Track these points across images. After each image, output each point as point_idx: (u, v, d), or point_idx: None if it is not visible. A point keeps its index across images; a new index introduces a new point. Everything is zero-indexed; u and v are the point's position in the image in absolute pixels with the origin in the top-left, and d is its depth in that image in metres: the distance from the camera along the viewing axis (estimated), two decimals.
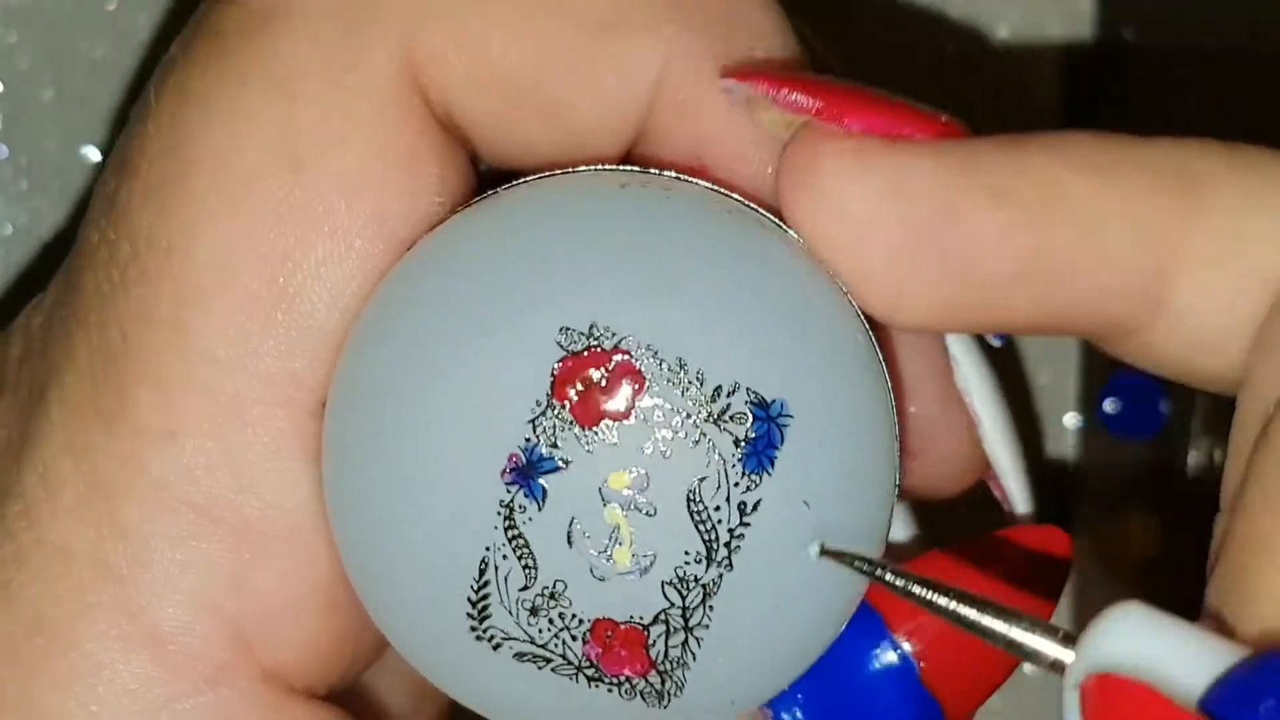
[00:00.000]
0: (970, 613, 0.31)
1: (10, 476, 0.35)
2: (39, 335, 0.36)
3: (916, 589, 0.31)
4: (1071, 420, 0.48)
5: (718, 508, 0.32)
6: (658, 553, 0.32)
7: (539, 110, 0.35)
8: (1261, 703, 0.29)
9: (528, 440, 0.31)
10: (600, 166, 0.34)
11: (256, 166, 0.34)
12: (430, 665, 0.33)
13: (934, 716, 0.36)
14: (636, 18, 0.35)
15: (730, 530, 0.32)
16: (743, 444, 0.32)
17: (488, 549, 0.32)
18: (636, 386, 0.31)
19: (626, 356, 0.31)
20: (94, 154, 0.45)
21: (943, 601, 0.31)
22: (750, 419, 0.32)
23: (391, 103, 0.34)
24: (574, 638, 0.32)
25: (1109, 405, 0.47)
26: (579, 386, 0.31)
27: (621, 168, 0.34)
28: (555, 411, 0.31)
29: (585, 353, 0.31)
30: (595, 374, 0.31)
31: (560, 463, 0.31)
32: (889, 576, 0.32)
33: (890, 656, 0.36)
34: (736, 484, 0.32)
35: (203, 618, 0.34)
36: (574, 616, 0.32)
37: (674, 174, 0.34)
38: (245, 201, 0.33)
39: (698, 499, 0.32)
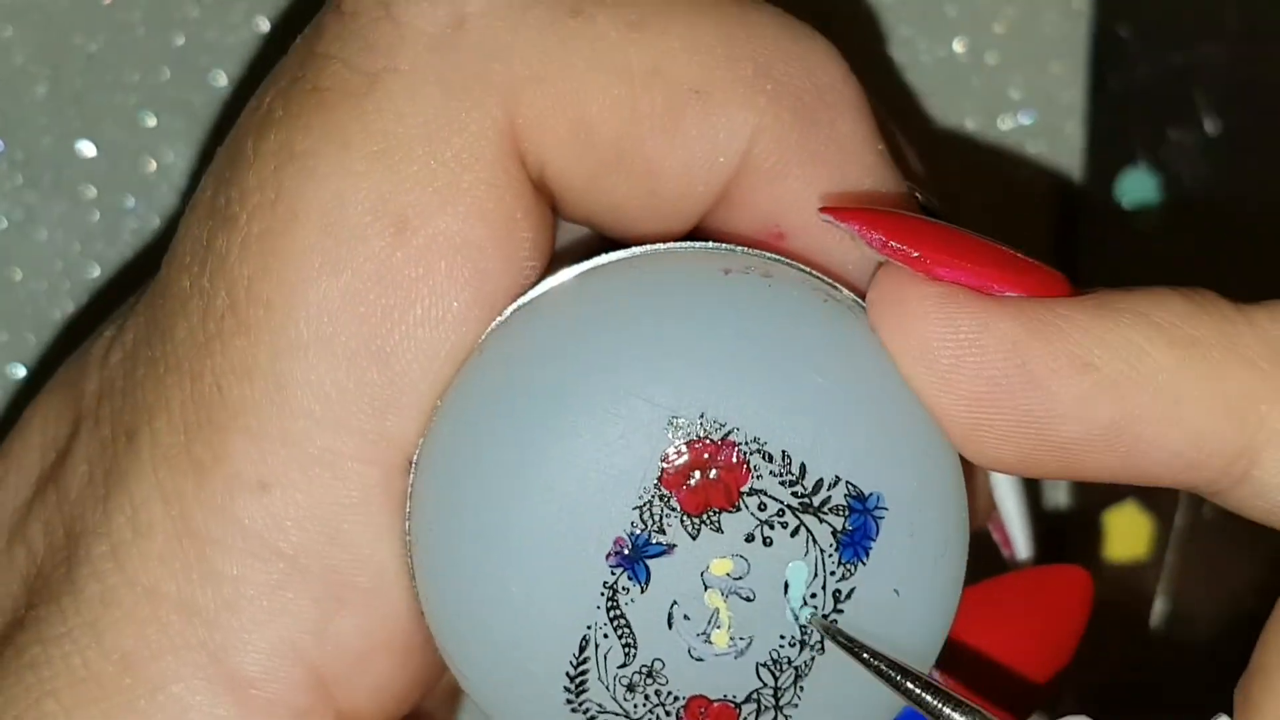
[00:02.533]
0: (936, 704, 0.33)
1: (96, 515, 0.35)
2: (120, 373, 0.36)
3: (910, 685, 0.33)
4: None
5: (814, 595, 0.33)
6: (754, 636, 0.33)
7: (629, 173, 0.35)
8: None
9: (634, 525, 0.32)
10: (694, 244, 0.35)
11: (360, 227, 0.34)
12: None
13: None
14: (729, 87, 0.35)
15: (825, 616, 0.33)
16: (840, 535, 0.33)
17: (589, 627, 0.32)
18: (742, 477, 0.32)
19: (734, 448, 0.32)
20: (89, 149, 0.44)
21: (923, 697, 0.33)
22: (848, 511, 0.33)
23: (493, 166, 0.34)
24: (668, 713, 0.33)
25: None
26: (687, 475, 0.32)
27: (714, 246, 0.35)
28: (662, 498, 0.32)
29: (695, 442, 0.32)
30: (703, 463, 0.32)
31: (665, 547, 0.32)
32: (883, 667, 0.33)
33: None
34: (833, 572, 0.33)
35: (287, 664, 0.35)
36: (669, 694, 0.33)
37: (766, 254, 0.35)
38: (347, 261, 0.34)
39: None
